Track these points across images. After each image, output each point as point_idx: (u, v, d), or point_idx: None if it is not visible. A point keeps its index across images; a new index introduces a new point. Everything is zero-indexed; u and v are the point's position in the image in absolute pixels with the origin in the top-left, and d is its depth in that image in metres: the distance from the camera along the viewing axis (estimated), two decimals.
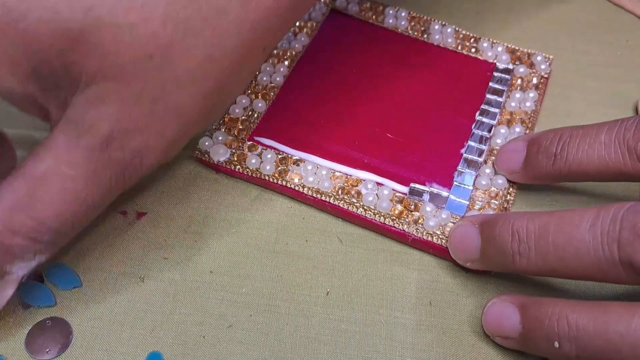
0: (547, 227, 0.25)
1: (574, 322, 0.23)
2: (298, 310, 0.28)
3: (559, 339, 0.23)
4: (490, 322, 0.26)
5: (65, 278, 0.28)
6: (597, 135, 0.27)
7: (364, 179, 0.30)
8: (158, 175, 0.31)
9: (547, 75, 0.35)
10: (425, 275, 0.29)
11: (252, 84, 0.34)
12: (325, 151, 0.31)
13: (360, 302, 0.28)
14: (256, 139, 0.32)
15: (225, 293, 0.28)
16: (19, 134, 0.31)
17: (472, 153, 0.32)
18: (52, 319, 0.27)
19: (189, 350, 0.26)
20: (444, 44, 0.36)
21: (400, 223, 0.29)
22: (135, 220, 0.30)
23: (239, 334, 0.27)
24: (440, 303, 0.28)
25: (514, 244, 0.25)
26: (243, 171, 0.30)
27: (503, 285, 0.28)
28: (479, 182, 0.30)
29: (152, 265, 0.28)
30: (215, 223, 0.30)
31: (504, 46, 0.36)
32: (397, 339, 0.27)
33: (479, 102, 0.34)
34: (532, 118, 0.33)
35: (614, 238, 0.23)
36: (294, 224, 0.30)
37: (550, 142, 0.28)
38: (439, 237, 0.29)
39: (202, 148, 0.31)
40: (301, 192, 0.30)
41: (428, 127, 0.33)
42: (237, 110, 0.32)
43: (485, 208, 0.30)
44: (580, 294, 0.28)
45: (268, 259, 0.29)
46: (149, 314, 0.27)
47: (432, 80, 0.35)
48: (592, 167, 0.27)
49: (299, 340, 0.27)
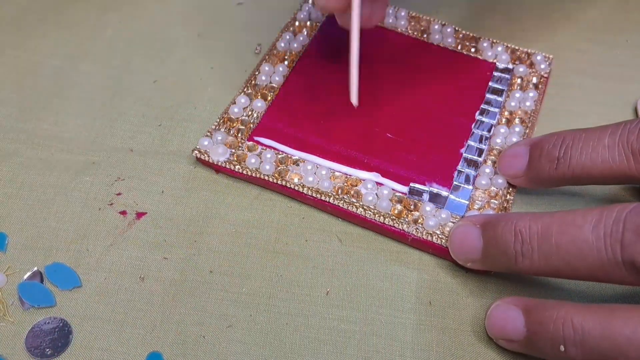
0: (550, 227, 0.24)
1: (580, 326, 0.23)
2: (298, 310, 0.28)
3: (564, 343, 0.23)
4: (493, 325, 0.26)
5: (65, 278, 0.28)
6: (600, 138, 0.27)
7: (363, 179, 0.30)
8: (158, 175, 0.31)
9: (547, 74, 0.35)
10: (425, 275, 0.29)
11: (252, 83, 0.34)
12: (325, 151, 0.31)
13: (360, 302, 0.28)
14: (256, 138, 0.32)
15: (225, 293, 0.28)
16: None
17: (472, 152, 0.32)
18: (52, 319, 0.27)
19: (189, 350, 0.26)
20: (444, 43, 0.36)
21: (399, 223, 0.29)
22: (135, 220, 0.30)
23: (239, 334, 0.27)
24: (440, 303, 0.28)
25: (517, 244, 0.25)
26: (243, 171, 0.30)
27: (503, 285, 0.28)
28: (479, 182, 0.30)
29: (152, 265, 0.28)
30: (215, 223, 0.30)
31: (504, 46, 0.36)
32: (397, 339, 0.27)
33: (478, 102, 0.34)
34: (532, 117, 0.33)
35: (617, 239, 0.23)
36: (293, 223, 0.30)
37: (553, 146, 0.28)
38: (438, 236, 0.29)
39: (202, 148, 0.31)
40: (301, 192, 0.30)
41: (428, 127, 0.33)
42: (236, 110, 0.32)
43: (485, 208, 0.30)
44: (580, 295, 0.28)
45: (268, 259, 0.29)
46: (149, 314, 0.27)
47: (432, 80, 0.35)
48: (596, 170, 0.27)
49: (298, 340, 0.27)
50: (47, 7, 0.39)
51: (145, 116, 0.34)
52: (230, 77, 0.35)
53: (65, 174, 0.31)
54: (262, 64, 0.35)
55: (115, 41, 0.37)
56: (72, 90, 0.35)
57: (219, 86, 0.35)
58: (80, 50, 0.37)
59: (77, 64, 0.36)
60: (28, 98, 0.34)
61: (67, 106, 0.34)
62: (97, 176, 0.31)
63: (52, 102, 0.34)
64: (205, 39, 0.37)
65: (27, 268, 0.28)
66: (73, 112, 0.34)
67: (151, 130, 0.33)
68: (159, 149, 0.32)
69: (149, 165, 0.32)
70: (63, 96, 0.34)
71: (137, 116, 0.34)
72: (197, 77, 0.36)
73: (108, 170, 0.31)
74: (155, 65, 0.36)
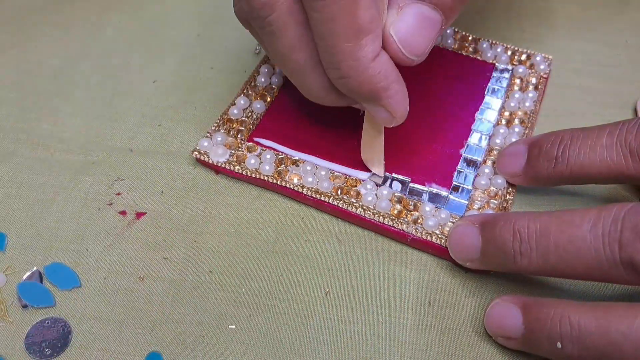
0: (549, 227, 0.25)
1: (577, 323, 0.23)
2: (297, 310, 0.28)
3: (561, 340, 0.23)
4: (492, 322, 0.26)
5: (65, 278, 0.28)
6: (598, 137, 0.27)
7: (362, 179, 0.30)
8: (158, 176, 0.31)
9: (547, 75, 0.35)
10: (425, 275, 0.29)
11: (251, 85, 0.34)
12: (324, 151, 0.31)
13: (359, 302, 0.28)
14: (255, 139, 0.32)
15: (224, 293, 0.28)
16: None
17: (472, 153, 0.32)
18: (52, 319, 0.27)
19: (189, 350, 0.26)
20: (444, 44, 0.36)
21: (399, 223, 0.29)
22: (135, 220, 0.30)
23: (239, 334, 0.27)
24: (440, 303, 0.28)
25: (516, 243, 0.25)
26: (242, 172, 0.30)
27: (502, 285, 0.28)
28: (478, 182, 0.30)
29: (152, 265, 0.28)
30: (214, 223, 0.30)
31: (504, 46, 0.36)
32: (397, 339, 0.27)
33: (478, 102, 0.34)
34: (532, 118, 0.33)
35: (615, 238, 0.23)
36: (293, 224, 0.30)
37: (551, 145, 0.28)
38: (438, 236, 0.29)
39: (202, 149, 0.31)
40: (300, 192, 0.30)
41: (428, 127, 0.33)
42: (235, 112, 0.33)
43: (484, 208, 0.30)
44: (579, 294, 0.28)
45: (267, 259, 0.29)
46: (149, 314, 0.27)
47: (432, 80, 0.35)
48: (594, 169, 0.27)
49: (298, 340, 0.27)
50: (47, 7, 0.39)
51: (145, 116, 0.34)
52: (230, 78, 0.35)
53: (64, 174, 0.31)
54: (261, 65, 0.35)
55: (115, 41, 0.37)
56: (72, 90, 0.35)
57: (218, 86, 0.35)
58: (80, 50, 0.37)
59: (77, 64, 0.36)
60: (28, 98, 0.34)
61: (67, 106, 0.34)
62: (96, 176, 0.31)
63: (52, 102, 0.34)
64: (205, 39, 0.38)
65: (27, 268, 0.28)
66: (73, 112, 0.34)
67: (151, 130, 0.33)
68: (159, 149, 0.32)
69: (149, 165, 0.32)
70: (63, 96, 0.35)
71: (137, 116, 0.34)
72: (197, 77, 0.36)
73: (107, 170, 0.31)
74: (155, 65, 0.36)
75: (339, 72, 0.25)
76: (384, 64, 0.25)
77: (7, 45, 0.37)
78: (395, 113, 0.27)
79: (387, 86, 0.25)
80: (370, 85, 0.25)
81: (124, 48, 0.37)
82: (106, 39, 0.37)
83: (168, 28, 0.38)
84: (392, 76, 0.25)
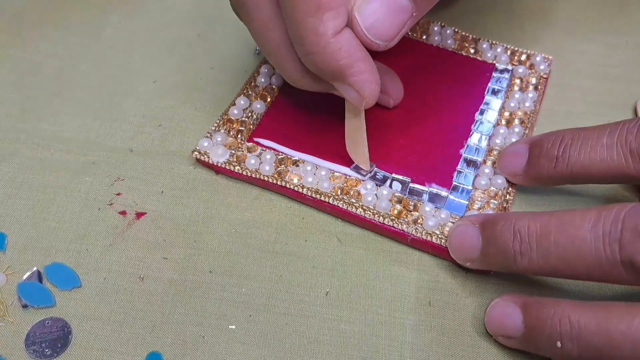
0: (549, 227, 0.25)
1: (576, 322, 0.23)
2: (297, 310, 0.28)
3: (561, 339, 0.23)
4: (492, 321, 0.26)
5: (65, 278, 0.28)
6: (598, 137, 0.27)
7: (363, 179, 0.30)
8: (158, 176, 0.31)
9: (547, 75, 0.35)
10: (425, 275, 0.29)
11: (251, 85, 0.34)
12: (325, 152, 0.31)
13: (359, 302, 0.28)
14: (255, 139, 0.32)
15: (224, 293, 0.28)
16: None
17: (472, 153, 0.32)
18: (52, 319, 0.27)
19: (189, 350, 0.26)
20: (444, 45, 0.36)
21: (399, 223, 0.29)
22: (135, 220, 0.30)
23: (239, 334, 0.27)
24: (440, 303, 0.28)
25: (516, 243, 0.25)
26: (242, 172, 0.30)
27: (502, 285, 0.28)
28: (478, 182, 0.30)
29: (152, 265, 0.28)
30: (214, 223, 0.30)
31: (504, 47, 0.36)
32: (397, 339, 0.27)
33: (478, 102, 0.34)
34: (531, 118, 0.33)
35: (615, 238, 0.23)
36: (293, 224, 0.30)
37: (552, 145, 0.28)
38: (438, 236, 0.29)
39: (202, 149, 0.31)
40: (300, 193, 0.30)
41: (428, 127, 0.33)
42: (235, 112, 0.33)
43: (484, 208, 0.30)
44: (579, 294, 0.28)
45: (267, 259, 0.29)
46: (149, 314, 0.27)
47: (432, 80, 0.35)
48: (594, 169, 0.27)
49: (298, 340, 0.27)
50: (47, 7, 0.39)
51: (145, 116, 0.34)
52: (230, 78, 0.35)
53: (65, 174, 0.31)
54: (261, 65, 0.35)
55: (115, 41, 0.37)
56: (72, 90, 0.35)
57: (218, 86, 0.35)
58: (80, 50, 0.37)
59: (77, 64, 0.36)
60: (28, 98, 0.34)
61: (67, 106, 0.34)
62: (96, 176, 0.31)
63: (52, 102, 0.34)
64: (205, 39, 0.38)
65: (27, 268, 0.28)
66: (73, 112, 0.34)
67: (151, 130, 0.33)
68: (159, 149, 0.32)
69: (149, 166, 0.32)
70: (63, 96, 0.35)
71: (137, 116, 0.34)
72: (197, 77, 0.36)
73: (108, 171, 0.31)
74: (155, 65, 0.36)
75: (304, 48, 0.25)
76: (347, 41, 0.25)
77: (7, 45, 0.37)
78: (362, 92, 0.27)
79: (350, 63, 0.26)
80: (333, 61, 0.25)
81: (124, 48, 0.37)
82: (106, 39, 0.37)
83: (168, 28, 0.38)
84: (356, 54, 0.26)
